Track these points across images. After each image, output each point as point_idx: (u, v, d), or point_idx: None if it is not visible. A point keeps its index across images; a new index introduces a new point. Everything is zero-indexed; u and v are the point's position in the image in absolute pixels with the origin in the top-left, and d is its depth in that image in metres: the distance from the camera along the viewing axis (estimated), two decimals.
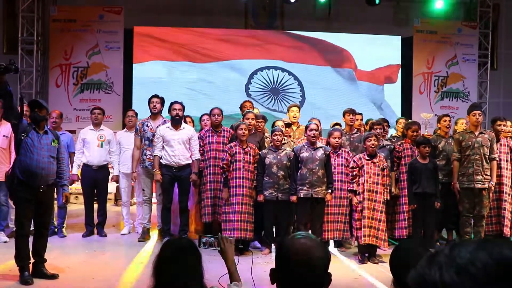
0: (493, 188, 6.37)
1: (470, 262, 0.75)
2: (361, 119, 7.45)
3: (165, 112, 7.01)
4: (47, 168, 4.86)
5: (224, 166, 6.10)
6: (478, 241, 0.79)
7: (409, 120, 7.17)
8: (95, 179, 6.95)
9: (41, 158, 4.80)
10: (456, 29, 11.25)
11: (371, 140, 5.87)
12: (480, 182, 6.28)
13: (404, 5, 11.62)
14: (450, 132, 7.09)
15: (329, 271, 1.65)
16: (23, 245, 4.82)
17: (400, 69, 11.28)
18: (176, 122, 6.51)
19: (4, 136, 6.40)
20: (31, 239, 4.95)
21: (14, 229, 6.37)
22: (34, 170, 4.74)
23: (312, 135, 6.00)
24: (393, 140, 7.00)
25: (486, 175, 6.30)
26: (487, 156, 6.33)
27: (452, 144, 6.62)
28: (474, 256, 0.75)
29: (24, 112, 6.57)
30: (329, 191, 5.97)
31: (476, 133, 6.36)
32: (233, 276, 2.47)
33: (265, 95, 11.04)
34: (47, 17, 10.59)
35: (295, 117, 7.18)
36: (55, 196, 6.17)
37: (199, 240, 2.58)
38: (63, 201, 5.59)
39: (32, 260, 4.88)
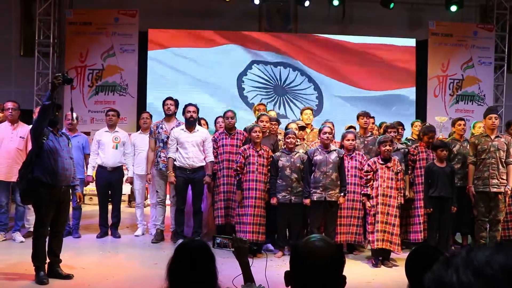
0: (509, 192, 6.29)
1: (487, 264, 0.77)
2: (373, 122, 7.43)
3: (179, 115, 7.05)
4: (70, 169, 4.98)
5: (238, 168, 6.11)
6: (494, 244, 0.82)
7: (427, 124, 7.09)
8: (110, 180, 7.00)
9: (64, 160, 4.89)
10: (472, 31, 11.13)
11: (386, 145, 5.84)
12: (496, 186, 6.21)
13: (419, 7, 11.55)
14: (467, 136, 7.01)
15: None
16: (43, 245, 4.88)
17: (415, 72, 11.20)
18: (190, 124, 6.54)
19: (20, 137, 6.49)
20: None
21: (30, 229, 6.46)
22: (60, 171, 4.83)
23: (326, 138, 5.98)
24: (408, 143, 6.95)
25: (502, 179, 6.23)
26: (503, 160, 6.27)
27: (467, 147, 6.56)
28: (491, 258, 0.78)
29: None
30: (342, 194, 5.95)
31: (492, 137, 6.30)
32: (247, 277, 2.47)
33: (266, 94, 10.98)
34: (63, 20, 10.71)
35: (308, 120, 7.18)
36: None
37: (213, 241, 2.59)
38: (77, 201, 5.62)
39: (47, 260, 4.93)
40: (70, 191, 5.27)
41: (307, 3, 10.69)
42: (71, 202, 6.44)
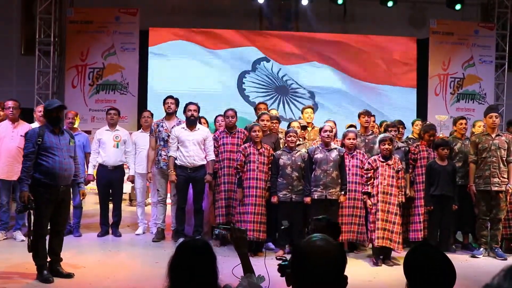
0: (510, 191, 6.28)
1: None
2: (374, 121, 7.43)
3: (180, 113, 7.04)
4: (69, 169, 4.96)
5: (238, 166, 6.11)
6: None
7: (427, 123, 7.09)
8: (111, 179, 7.00)
9: (62, 160, 4.88)
10: (473, 30, 11.12)
11: (385, 144, 5.84)
12: (497, 185, 6.20)
13: (420, 6, 11.54)
14: (467, 134, 7.01)
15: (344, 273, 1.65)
16: (42, 244, 4.87)
17: (416, 70, 11.18)
18: (191, 123, 6.53)
19: (21, 136, 6.47)
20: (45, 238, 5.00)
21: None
22: (57, 171, 4.82)
23: (327, 136, 5.99)
24: (409, 142, 6.95)
25: (503, 177, 6.23)
26: (504, 159, 6.26)
27: (469, 145, 6.55)
28: None
29: (38, 114, 6.67)
30: (343, 192, 5.95)
31: (493, 135, 6.29)
32: (247, 267, 2.47)
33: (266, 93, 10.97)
34: (64, 19, 10.71)
35: (309, 118, 7.18)
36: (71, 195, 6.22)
37: (212, 232, 2.58)
38: (81, 198, 5.66)
39: (48, 259, 4.93)
40: (71, 190, 5.27)
41: (304, 1, 10.66)
42: (71, 201, 6.46)
